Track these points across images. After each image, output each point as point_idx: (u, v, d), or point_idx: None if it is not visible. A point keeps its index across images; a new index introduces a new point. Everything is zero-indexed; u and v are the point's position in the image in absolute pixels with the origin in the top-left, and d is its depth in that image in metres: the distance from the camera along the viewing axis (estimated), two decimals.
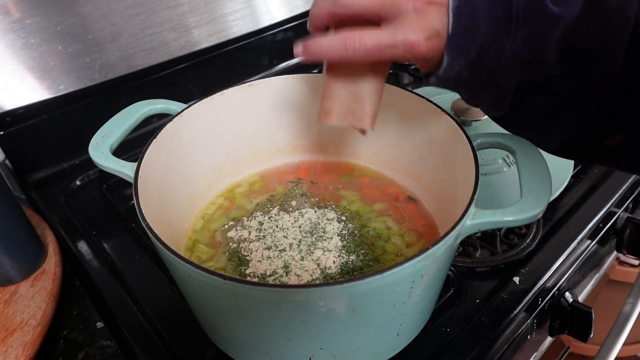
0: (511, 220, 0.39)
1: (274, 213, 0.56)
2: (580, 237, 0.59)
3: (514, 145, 0.45)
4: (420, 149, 0.56)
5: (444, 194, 0.52)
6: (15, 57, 0.66)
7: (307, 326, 0.37)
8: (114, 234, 0.62)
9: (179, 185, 0.53)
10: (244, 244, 0.52)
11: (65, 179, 0.71)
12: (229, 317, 0.41)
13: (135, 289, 0.54)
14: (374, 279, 0.34)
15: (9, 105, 0.66)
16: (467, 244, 0.58)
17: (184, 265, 0.36)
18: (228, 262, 0.51)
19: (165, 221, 0.49)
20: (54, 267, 0.54)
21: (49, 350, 0.49)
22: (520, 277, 0.54)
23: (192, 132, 0.54)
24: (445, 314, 0.51)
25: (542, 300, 0.54)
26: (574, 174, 0.65)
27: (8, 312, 0.49)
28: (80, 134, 0.58)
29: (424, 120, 0.53)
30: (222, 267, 0.51)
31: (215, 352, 0.48)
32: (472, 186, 0.40)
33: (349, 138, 0.62)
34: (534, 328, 0.55)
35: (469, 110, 0.68)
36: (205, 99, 0.54)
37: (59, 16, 0.68)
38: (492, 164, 0.64)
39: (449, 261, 0.43)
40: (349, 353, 0.41)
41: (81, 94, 0.72)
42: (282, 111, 0.60)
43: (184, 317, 0.50)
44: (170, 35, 0.79)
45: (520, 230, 0.59)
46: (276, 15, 0.92)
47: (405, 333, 0.45)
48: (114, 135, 0.50)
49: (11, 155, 0.69)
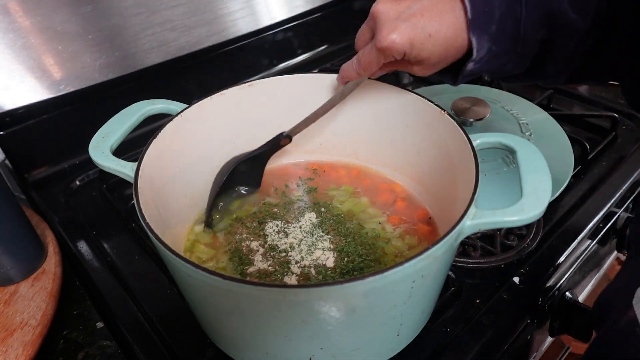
0: (511, 220, 0.38)
1: (274, 213, 0.56)
2: (580, 237, 0.59)
3: (514, 145, 0.45)
4: (420, 149, 0.56)
5: (444, 194, 0.52)
6: (15, 57, 0.66)
7: (307, 326, 0.37)
8: (114, 234, 0.62)
9: (179, 185, 0.53)
10: (245, 244, 0.52)
11: (65, 179, 0.71)
12: (229, 317, 0.41)
13: (135, 289, 0.54)
14: (374, 279, 0.34)
15: (9, 105, 0.66)
16: (467, 244, 0.58)
17: (184, 265, 0.36)
18: (229, 262, 0.51)
19: (165, 221, 0.49)
20: (54, 267, 0.54)
21: (49, 350, 0.49)
22: (520, 277, 0.54)
23: (192, 132, 0.54)
24: (445, 314, 0.51)
25: (542, 300, 0.54)
26: (574, 174, 0.65)
27: (8, 312, 0.49)
28: (80, 134, 0.58)
29: (424, 120, 0.53)
30: (223, 267, 0.51)
31: (215, 352, 0.48)
32: (472, 186, 0.40)
33: (349, 138, 0.62)
34: (534, 328, 0.55)
35: (469, 110, 0.68)
36: (205, 99, 0.54)
37: (59, 16, 0.68)
38: (492, 164, 0.64)
39: (449, 261, 0.43)
40: (349, 353, 0.41)
41: (81, 94, 0.72)
42: (282, 111, 0.60)
43: (184, 317, 0.50)
44: (170, 35, 0.79)
45: (520, 231, 0.59)
46: (276, 15, 0.92)
47: (406, 333, 0.45)
48: (114, 135, 0.50)
49: (11, 155, 0.69)
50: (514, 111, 0.74)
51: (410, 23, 0.41)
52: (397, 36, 0.41)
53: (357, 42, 0.48)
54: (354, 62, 0.48)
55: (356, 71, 0.48)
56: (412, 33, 0.41)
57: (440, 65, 0.44)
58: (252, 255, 0.51)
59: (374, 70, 0.47)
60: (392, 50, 0.42)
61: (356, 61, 0.47)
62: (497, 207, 0.39)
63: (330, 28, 1.02)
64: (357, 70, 0.48)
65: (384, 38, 0.42)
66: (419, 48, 0.41)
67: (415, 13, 0.41)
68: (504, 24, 0.40)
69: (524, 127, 0.71)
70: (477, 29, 0.40)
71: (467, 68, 0.43)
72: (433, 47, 0.41)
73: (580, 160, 0.69)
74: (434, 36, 0.41)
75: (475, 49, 0.41)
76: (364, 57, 0.46)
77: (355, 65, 0.48)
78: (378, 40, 0.42)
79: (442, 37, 0.41)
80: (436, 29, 0.41)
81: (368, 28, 0.46)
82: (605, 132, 0.75)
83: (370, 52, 0.45)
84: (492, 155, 0.64)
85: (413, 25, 0.41)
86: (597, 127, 0.77)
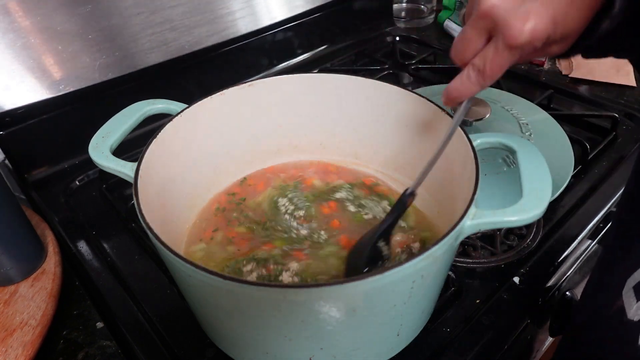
0: (511, 220, 0.38)
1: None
2: (580, 237, 0.59)
3: (514, 145, 0.45)
4: (420, 149, 0.56)
5: (444, 194, 0.52)
6: (15, 57, 0.66)
7: (307, 326, 0.37)
8: (114, 234, 0.62)
9: (179, 185, 0.53)
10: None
11: (65, 179, 0.71)
12: (229, 317, 0.41)
13: (135, 289, 0.54)
14: (374, 279, 0.34)
15: (9, 105, 0.66)
16: (467, 244, 0.58)
17: (183, 265, 0.36)
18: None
19: (165, 221, 0.49)
20: (54, 267, 0.54)
21: (49, 350, 0.49)
22: (520, 277, 0.54)
23: (192, 132, 0.54)
24: (445, 314, 0.51)
25: (542, 300, 0.54)
26: (574, 174, 0.65)
27: (8, 312, 0.49)
28: (80, 134, 0.58)
29: (424, 120, 0.53)
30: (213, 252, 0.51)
31: (215, 352, 0.48)
32: (472, 186, 0.40)
33: (349, 138, 0.62)
34: (534, 328, 0.55)
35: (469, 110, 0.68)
36: (205, 99, 0.54)
37: (59, 16, 0.68)
38: (492, 164, 0.64)
39: (449, 261, 0.43)
40: (349, 353, 0.41)
41: (81, 94, 0.72)
42: (282, 111, 0.60)
43: (184, 317, 0.50)
44: (170, 35, 0.79)
45: (520, 231, 0.59)
46: (276, 15, 0.92)
47: (406, 333, 0.45)
48: (114, 135, 0.50)
49: (11, 155, 0.69)
50: (514, 111, 0.74)
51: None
52: (536, 22, 0.34)
53: (464, 52, 0.39)
54: (472, 75, 0.39)
55: (479, 84, 0.40)
56: (550, 7, 0.34)
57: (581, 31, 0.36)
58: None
59: (500, 75, 0.39)
60: (535, 41, 0.35)
61: (475, 73, 0.39)
62: (497, 207, 0.39)
63: (330, 28, 1.02)
64: (481, 83, 0.39)
65: (521, 31, 0.34)
66: (563, 21, 0.34)
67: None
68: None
69: (524, 127, 0.71)
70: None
71: (603, 26, 0.35)
72: (578, 12, 0.34)
73: (580, 160, 0.69)
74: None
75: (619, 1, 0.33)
76: (490, 64, 0.38)
77: (475, 77, 0.39)
78: (512, 36, 0.35)
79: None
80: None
81: (479, 31, 0.37)
82: (605, 132, 0.75)
83: (497, 55, 0.37)
84: (492, 155, 0.64)
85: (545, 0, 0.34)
86: (597, 127, 0.77)
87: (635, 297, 0.34)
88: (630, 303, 0.34)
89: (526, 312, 0.53)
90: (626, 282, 0.36)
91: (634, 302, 0.34)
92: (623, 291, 0.36)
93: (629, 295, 0.35)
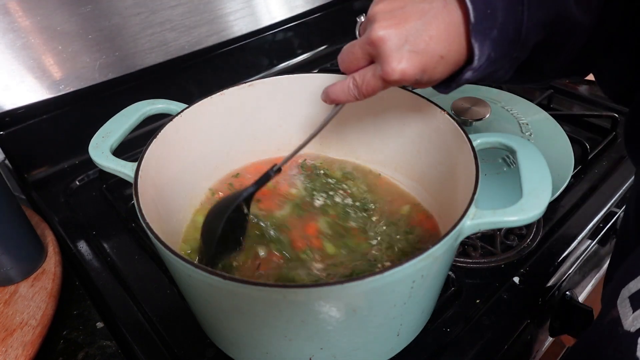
0: (511, 220, 0.38)
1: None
2: (580, 237, 0.59)
3: (514, 145, 0.45)
4: (420, 149, 0.56)
5: (444, 194, 0.52)
6: (15, 57, 0.66)
7: (307, 326, 0.37)
8: (114, 234, 0.62)
9: (179, 185, 0.53)
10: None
11: (65, 179, 0.71)
12: (229, 317, 0.41)
13: (135, 289, 0.54)
14: (374, 279, 0.34)
15: (9, 105, 0.66)
16: (467, 244, 0.58)
17: (184, 265, 0.36)
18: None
19: (165, 221, 0.49)
20: (54, 267, 0.54)
21: (49, 350, 0.49)
22: (520, 277, 0.54)
23: (192, 132, 0.54)
24: (445, 314, 0.51)
25: (542, 300, 0.54)
26: (574, 174, 0.65)
27: (8, 312, 0.49)
28: (80, 134, 0.58)
29: (424, 120, 0.53)
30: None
31: (215, 352, 0.48)
32: (472, 186, 0.40)
33: (349, 138, 0.62)
34: (534, 328, 0.55)
35: (469, 110, 0.68)
36: (205, 99, 0.54)
37: (59, 16, 0.68)
38: (492, 164, 0.64)
39: (449, 261, 0.43)
40: (349, 353, 0.41)
41: (81, 94, 0.72)
42: (282, 111, 0.60)
43: (184, 317, 0.50)
44: (170, 35, 0.79)
45: (520, 231, 0.59)
46: (276, 15, 0.92)
47: (406, 333, 0.45)
48: (114, 135, 0.50)
49: (11, 155, 0.69)
50: (514, 111, 0.74)
51: (418, 49, 0.38)
52: (407, 66, 0.38)
53: (349, 65, 0.43)
54: (351, 87, 0.43)
55: (354, 97, 0.44)
56: (423, 59, 0.38)
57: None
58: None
59: (373, 95, 0.43)
60: (403, 82, 0.39)
61: (353, 87, 0.43)
62: (497, 207, 0.39)
63: (330, 28, 1.02)
64: (357, 97, 0.43)
65: (394, 71, 0.38)
66: (431, 72, 0.39)
67: (422, 35, 0.37)
68: (505, 27, 0.37)
69: (524, 127, 0.71)
70: (479, 34, 0.37)
71: (465, 77, 0.40)
72: (445, 67, 0.39)
73: (580, 160, 0.69)
74: (445, 57, 0.38)
75: (477, 56, 0.38)
76: (365, 85, 0.42)
77: (353, 91, 0.43)
78: (386, 73, 0.39)
79: (454, 53, 0.38)
80: (447, 49, 0.38)
81: (364, 53, 0.41)
82: (605, 132, 0.75)
83: (372, 80, 0.41)
84: (492, 155, 0.64)
85: (423, 51, 0.38)
86: (597, 127, 0.77)
87: (632, 308, 0.34)
88: (626, 314, 0.34)
89: (526, 312, 0.53)
90: (620, 292, 0.36)
91: (629, 312, 0.34)
92: (617, 301, 0.36)
93: (623, 305, 0.35)
